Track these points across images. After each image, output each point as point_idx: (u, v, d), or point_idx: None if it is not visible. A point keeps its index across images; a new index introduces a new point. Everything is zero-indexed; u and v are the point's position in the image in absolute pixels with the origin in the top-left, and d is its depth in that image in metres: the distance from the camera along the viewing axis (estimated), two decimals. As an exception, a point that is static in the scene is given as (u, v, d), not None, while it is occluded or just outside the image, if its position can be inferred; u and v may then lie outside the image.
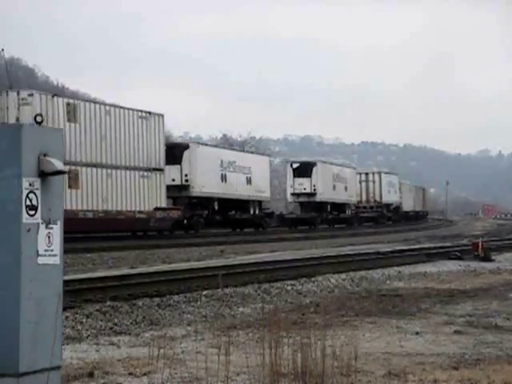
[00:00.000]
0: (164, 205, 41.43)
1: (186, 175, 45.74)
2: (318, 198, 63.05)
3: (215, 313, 12.77)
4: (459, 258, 25.76)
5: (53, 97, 35.83)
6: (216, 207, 49.04)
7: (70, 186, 34.61)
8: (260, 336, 9.12)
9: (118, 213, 37.98)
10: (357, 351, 7.61)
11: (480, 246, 26.54)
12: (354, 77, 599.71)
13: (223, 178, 49.29)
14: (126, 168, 38.76)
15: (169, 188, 42.89)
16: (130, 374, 8.00)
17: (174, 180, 45.10)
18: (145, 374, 7.84)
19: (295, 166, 64.06)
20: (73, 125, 35.88)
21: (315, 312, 12.44)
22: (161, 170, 41.08)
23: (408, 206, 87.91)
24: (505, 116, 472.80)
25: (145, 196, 39.76)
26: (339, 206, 67.81)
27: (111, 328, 11.20)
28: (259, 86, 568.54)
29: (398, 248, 31.85)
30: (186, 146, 47.35)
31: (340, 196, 67.10)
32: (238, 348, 9.19)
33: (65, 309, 10.75)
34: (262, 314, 10.69)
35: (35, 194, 5.50)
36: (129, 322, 11.69)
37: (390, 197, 78.26)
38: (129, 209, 38.61)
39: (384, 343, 9.99)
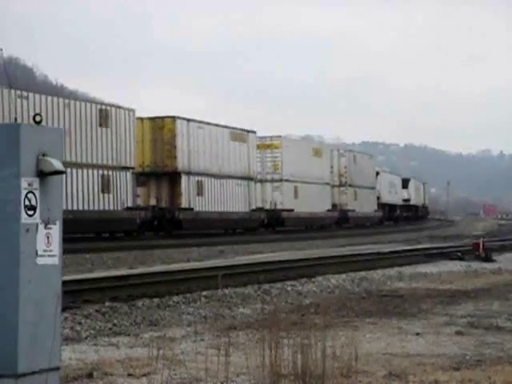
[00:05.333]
0: (376, 208, 74.26)
1: (378, 191, 76.15)
2: (411, 202, 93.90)
3: (215, 313, 12.73)
4: (460, 259, 25.72)
5: (341, 152, 68.20)
6: (387, 209, 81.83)
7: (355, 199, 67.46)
8: (260, 337, 9.08)
9: (362, 213, 68.30)
10: (357, 352, 7.60)
11: (481, 247, 26.50)
12: (355, 76, 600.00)
13: (389, 192, 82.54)
14: (363, 187, 69.61)
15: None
16: (129, 374, 7.96)
17: None
18: (144, 375, 7.80)
19: None
20: (354, 165, 67.70)
21: (315, 313, 12.39)
22: (374, 188, 73.68)
23: (430, 206, 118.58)
24: (506, 116, 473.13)
25: (368, 203, 71.00)
26: (417, 208, 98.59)
27: (110, 329, 11.16)
28: (259, 86, 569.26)
29: (398, 248, 31.83)
30: (378, 172, 77.93)
31: (418, 201, 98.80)
32: (237, 349, 9.15)
33: (64, 309, 10.72)
34: (262, 315, 10.67)
35: (34, 194, 5.46)
36: (128, 323, 11.65)
37: (427, 200, 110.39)
38: (362, 211, 68.17)
39: (384, 344, 9.95)
